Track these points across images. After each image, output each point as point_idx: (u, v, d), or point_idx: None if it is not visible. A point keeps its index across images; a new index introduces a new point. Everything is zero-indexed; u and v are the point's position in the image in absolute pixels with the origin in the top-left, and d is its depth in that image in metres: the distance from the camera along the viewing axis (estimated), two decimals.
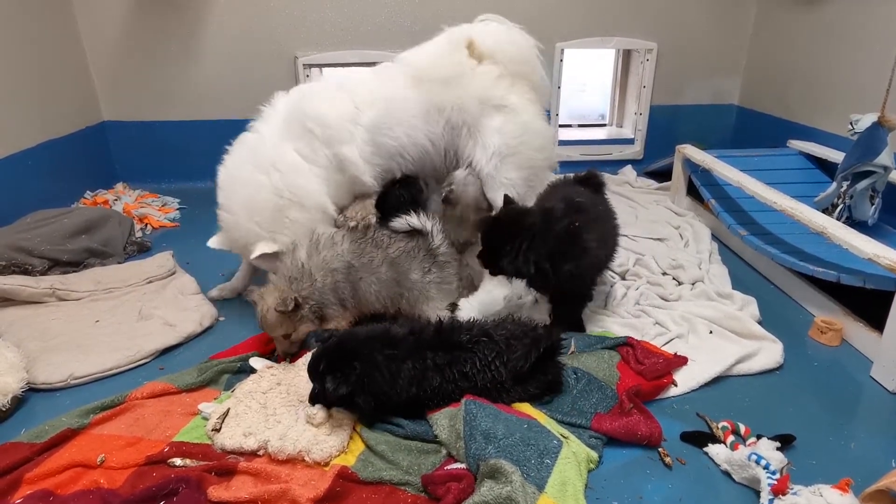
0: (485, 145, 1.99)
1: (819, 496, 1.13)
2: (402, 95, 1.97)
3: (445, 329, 1.50)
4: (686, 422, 1.50)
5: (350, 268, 1.73)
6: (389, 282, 1.76)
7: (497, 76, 2.00)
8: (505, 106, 2.00)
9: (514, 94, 2.02)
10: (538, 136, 2.05)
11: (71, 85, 3.03)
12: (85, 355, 1.73)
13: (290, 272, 1.71)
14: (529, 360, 1.46)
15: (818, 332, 1.85)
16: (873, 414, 1.55)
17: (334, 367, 1.38)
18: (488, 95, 1.98)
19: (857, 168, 2.22)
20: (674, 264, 2.26)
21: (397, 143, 1.96)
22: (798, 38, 3.05)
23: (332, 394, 1.37)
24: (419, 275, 1.76)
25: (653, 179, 3.34)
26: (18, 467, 1.31)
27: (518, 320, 1.58)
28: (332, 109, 1.94)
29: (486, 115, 1.99)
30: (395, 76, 2.02)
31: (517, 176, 2.03)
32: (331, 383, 1.36)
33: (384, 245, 1.77)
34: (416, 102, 1.97)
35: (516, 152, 2.01)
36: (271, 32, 3.20)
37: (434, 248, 1.80)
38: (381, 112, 1.95)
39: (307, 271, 1.70)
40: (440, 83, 1.98)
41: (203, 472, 1.29)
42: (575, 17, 3.29)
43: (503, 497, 1.15)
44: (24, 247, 2.15)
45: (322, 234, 1.78)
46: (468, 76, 1.98)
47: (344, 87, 1.99)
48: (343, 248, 1.74)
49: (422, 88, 1.98)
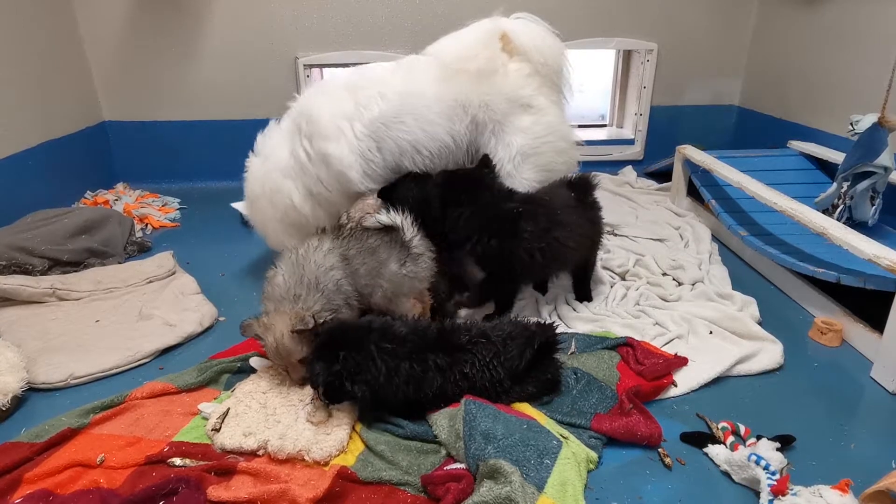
0: (508, 144, 1.98)
1: (819, 497, 1.13)
2: (421, 91, 1.95)
3: (447, 331, 1.50)
4: (686, 422, 1.50)
5: (345, 260, 1.67)
6: (372, 272, 1.71)
7: (527, 74, 1.99)
8: (532, 106, 1.99)
9: (542, 96, 2.01)
10: (562, 139, 2.05)
11: (71, 85, 3.03)
12: (85, 355, 1.73)
13: (286, 292, 1.57)
14: (525, 357, 1.46)
15: (818, 332, 1.85)
16: (873, 415, 1.55)
17: (322, 354, 1.38)
18: (518, 94, 1.97)
19: (858, 169, 2.22)
20: (674, 265, 2.26)
21: (411, 138, 1.94)
22: (798, 38, 3.05)
23: (319, 380, 1.37)
24: (396, 266, 1.73)
25: (653, 180, 3.34)
26: (18, 467, 1.31)
27: (514, 320, 1.58)
28: (326, 106, 1.95)
29: (513, 113, 1.98)
30: (420, 70, 2.00)
31: (535, 177, 2.02)
32: (320, 369, 1.36)
33: (364, 237, 1.73)
34: (439, 99, 1.95)
35: (539, 153, 2.01)
36: (272, 33, 3.20)
37: (407, 241, 1.78)
38: (394, 105, 1.93)
39: (308, 281, 1.59)
40: (471, 77, 1.95)
41: (203, 471, 1.29)
42: (575, 18, 3.29)
43: (503, 497, 1.15)
44: (24, 246, 2.15)
45: (295, 246, 1.67)
46: (500, 73, 1.96)
47: (351, 84, 1.99)
48: (326, 247, 1.66)
49: (449, 83, 1.95)
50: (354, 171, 1.95)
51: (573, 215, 1.86)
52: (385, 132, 1.93)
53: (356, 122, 1.93)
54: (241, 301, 2.11)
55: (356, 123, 1.93)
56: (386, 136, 1.93)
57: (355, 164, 1.95)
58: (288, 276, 1.60)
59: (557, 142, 2.03)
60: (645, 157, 3.60)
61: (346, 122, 1.94)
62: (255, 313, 1.99)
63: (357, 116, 1.93)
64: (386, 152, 1.95)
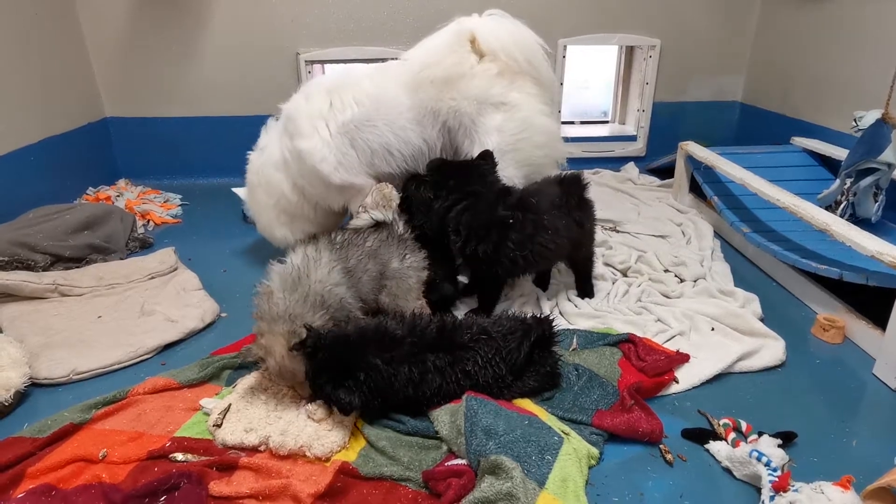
0: (483, 144, 1.98)
1: (820, 493, 1.13)
2: (393, 95, 2.03)
3: (448, 329, 1.49)
4: (687, 419, 1.49)
5: (347, 273, 1.63)
6: (376, 275, 1.71)
7: (496, 73, 2.00)
8: (504, 103, 2.00)
9: (515, 91, 2.01)
10: (539, 132, 2.04)
11: (73, 81, 3.03)
12: (87, 351, 1.74)
13: (284, 311, 1.46)
14: (523, 350, 1.46)
15: (820, 329, 1.85)
16: (875, 411, 1.55)
17: (339, 379, 1.38)
18: (486, 95, 1.99)
19: (861, 165, 2.21)
20: (676, 261, 2.26)
21: (383, 141, 2.02)
22: (802, 34, 3.04)
23: (346, 405, 1.37)
24: (398, 262, 1.74)
25: (655, 176, 3.33)
26: (21, 461, 1.32)
27: (513, 315, 1.59)
28: (304, 107, 2.07)
29: (483, 114, 2.00)
30: (393, 76, 2.07)
31: (516, 173, 2.02)
32: (345, 395, 1.36)
33: (361, 242, 1.70)
34: (408, 106, 2.02)
35: (516, 149, 2.01)
36: (273, 29, 3.19)
37: (401, 234, 1.78)
38: (367, 110, 2.02)
39: (313, 301, 1.50)
40: (438, 84, 1.99)
41: (204, 467, 1.30)
42: (578, 14, 3.28)
43: (504, 493, 1.15)
44: (26, 242, 2.15)
45: (292, 262, 1.58)
46: (467, 76, 1.98)
47: (332, 87, 2.09)
48: (325, 260, 1.59)
49: (417, 91, 2.01)
50: (327, 164, 2.03)
51: (559, 218, 1.83)
52: (357, 133, 2.03)
53: (331, 122, 2.04)
54: (242, 297, 2.11)
55: (331, 123, 2.04)
56: (358, 137, 2.03)
57: (328, 157, 2.03)
58: (288, 293, 1.49)
59: (534, 136, 2.03)
60: (647, 154, 3.59)
61: (321, 121, 2.04)
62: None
63: (332, 117, 2.04)
64: (359, 150, 2.05)
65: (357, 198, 2.09)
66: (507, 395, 1.47)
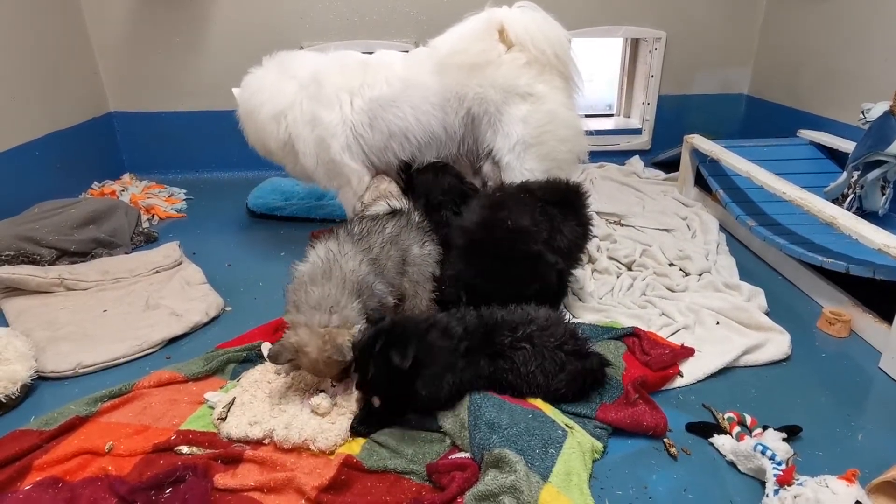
0: (507, 134, 1.98)
1: (825, 487, 1.12)
2: (422, 81, 2.02)
3: (491, 328, 1.45)
4: (692, 413, 1.49)
5: (374, 263, 1.61)
6: (399, 261, 1.70)
7: (524, 63, 1.98)
8: (531, 94, 1.98)
9: (542, 83, 2.00)
10: (564, 126, 2.03)
11: (78, 76, 3.04)
12: (93, 344, 1.75)
13: (318, 302, 1.45)
14: (572, 390, 1.44)
15: (826, 323, 1.84)
16: (881, 405, 1.54)
17: (393, 343, 1.31)
18: (513, 84, 1.97)
19: (868, 158, 2.19)
20: (681, 255, 2.25)
21: (403, 125, 2.02)
22: (808, 26, 3.01)
23: (400, 359, 1.28)
24: (418, 249, 1.74)
25: (660, 170, 3.31)
26: (28, 454, 1.33)
27: (566, 324, 1.53)
28: (335, 77, 2.05)
29: (509, 103, 1.98)
30: (422, 61, 2.06)
31: (538, 167, 2.01)
32: (396, 356, 1.28)
33: (380, 229, 1.69)
34: (435, 91, 2.01)
35: (540, 142, 2.00)
36: (277, 23, 3.18)
37: (417, 222, 1.78)
38: (395, 91, 2.01)
39: (349, 290, 1.49)
40: (464, 70, 1.98)
41: (209, 459, 1.30)
42: (582, 6, 3.26)
43: (507, 486, 1.15)
44: (32, 237, 2.16)
45: (318, 257, 1.56)
46: (494, 64, 1.97)
47: (366, 63, 2.08)
48: (350, 252, 1.57)
49: (445, 76, 1.99)
50: (336, 140, 2.03)
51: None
52: (380, 112, 2.02)
53: (357, 98, 2.03)
54: (246, 291, 2.12)
55: (356, 98, 2.03)
56: (379, 117, 2.02)
57: (340, 135, 2.03)
58: (321, 285, 1.48)
59: (558, 130, 2.01)
60: (652, 147, 3.57)
61: (347, 94, 2.03)
62: (261, 304, 2.01)
63: (359, 93, 2.03)
64: (376, 131, 2.04)
65: (346, 188, 2.10)
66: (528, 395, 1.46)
